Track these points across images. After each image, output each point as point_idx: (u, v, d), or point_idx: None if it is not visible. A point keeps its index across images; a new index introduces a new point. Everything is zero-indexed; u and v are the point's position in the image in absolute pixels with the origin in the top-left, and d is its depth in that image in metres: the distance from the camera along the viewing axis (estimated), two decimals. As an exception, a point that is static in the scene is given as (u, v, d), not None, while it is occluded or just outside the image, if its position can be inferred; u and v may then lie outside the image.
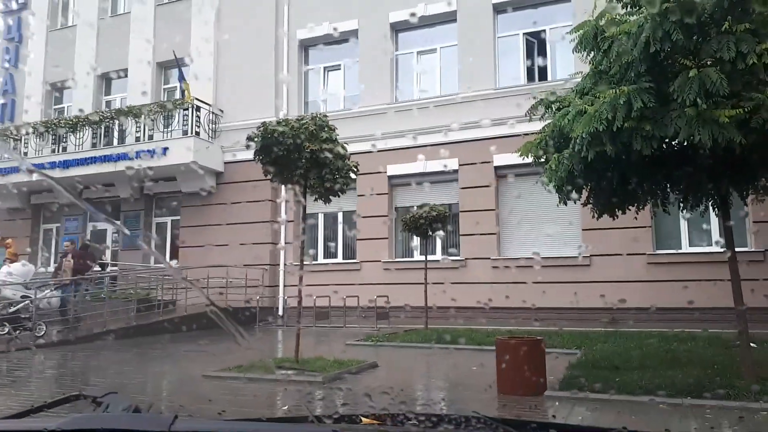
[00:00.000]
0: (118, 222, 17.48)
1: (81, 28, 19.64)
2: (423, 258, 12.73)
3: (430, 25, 15.31)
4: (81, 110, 17.91)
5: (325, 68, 16.78)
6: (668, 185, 7.30)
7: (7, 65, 20.79)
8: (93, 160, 16.36)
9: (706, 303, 9.90)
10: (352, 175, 9.56)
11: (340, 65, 16.58)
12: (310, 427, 0.96)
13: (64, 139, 17.62)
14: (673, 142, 6.33)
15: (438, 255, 14.26)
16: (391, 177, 14.84)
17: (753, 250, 11.65)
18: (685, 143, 6.04)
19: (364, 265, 14.78)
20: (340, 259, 15.58)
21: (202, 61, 17.29)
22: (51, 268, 18.39)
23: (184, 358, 10.62)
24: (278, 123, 8.85)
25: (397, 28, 15.72)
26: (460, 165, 14.03)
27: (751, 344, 7.01)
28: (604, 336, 10.27)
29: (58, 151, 17.53)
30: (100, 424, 1.01)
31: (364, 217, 14.93)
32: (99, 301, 13.94)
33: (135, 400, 1.21)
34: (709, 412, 5.71)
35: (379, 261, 14.59)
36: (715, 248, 11.51)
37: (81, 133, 17.21)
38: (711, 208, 7.61)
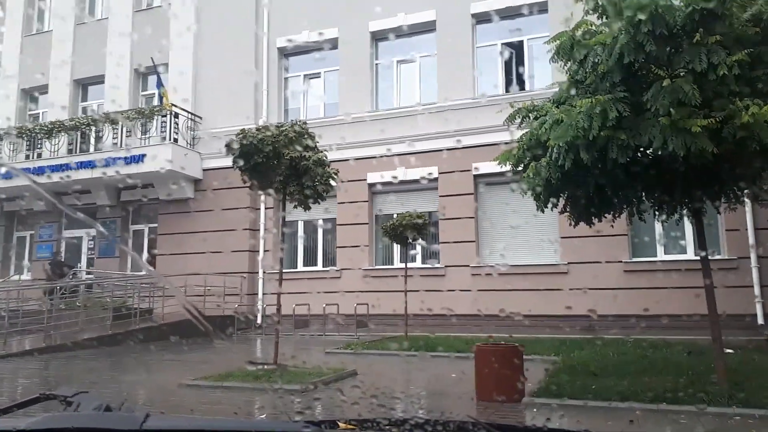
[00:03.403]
0: (100, 227, 17.23)
1: (57, 34, 19.40)
2: (403, 265, 12.73)
3: (410, 35, 15.41)
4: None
5: (305, 76, 16.79)
6: (643, 193, 7.41)
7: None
8: (68, 167, 16.12)
9: (682, 310, 10.05)
10: (332, 183, 9.55)
11: (320, 73, 16.59)
12: (284, 425, 0.97)
13: (39, 145, 17.37)
14: (648, 151, 6.44)
15: (418, 263, 14.28)
16: (371, 185, 14.86)
17: (726, 257, 11.87)
18: (659, 152, 6.15)
19: (344, 273, 14.75)
20: (319, 266, 15.53)
21: (180, 68, 17.17)
22: (26, 276, 18.09)
23: (160, 367, 10.47)
24: (258, 130, 8.82)
25: (378, 37, 15.79)
26: (439, 173, 14.11)
27: (727, 350, 7.13)
28: (581, 343, 10.36)
29: (33, 158, 17.26)
30: (70, 423, 1.00)
31: (344, 224, 14.93)
32: (74, 310, 13.69)
33: (106, 399, 1.20)
34: (683, 417, 5.79)
35: (359, 268, 14.57)
36: (689, 256, 11.70)
37: (57, 139, 16.98)
38: (685, 216, 7.74)
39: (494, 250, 13.73)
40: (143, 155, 15.46)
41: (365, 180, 14.71)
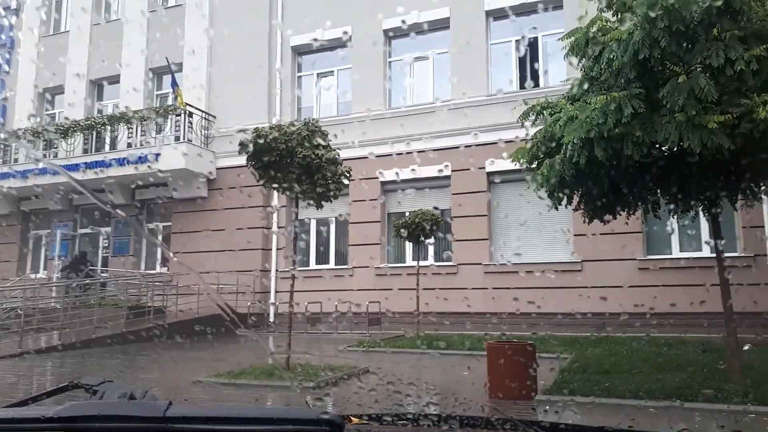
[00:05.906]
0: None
1: (73, 35, 19.60)
2: (415, 263, 12.74)
3: (423, 32, 15.39)
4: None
5: (318, 74, 16.83)
6: (658, 190, 7.36)
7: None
8: (84, 166, 16.28)
9: (696, 308, 9.97)
10: (345, 181, 9.57)
11: (333, 71, 16.62)
12: (304, 412, 0.98)
13: (55, 145, 17.56)
14: (663, 148, 6.40)
15: (430, 260, 14.26)
16: (383, 183, 14.86)
17: (742, 255, 11.75)
18: (675, 149, 6.11)
19: (356, 271, 14.78)
20: (332, 264, 15.57)
21: (194, 67, 17.29)
22: (41, 274, 18.30)
23: (172, 364, 10.55)
24: (271, 128, 8.86)
25: (391, 34, 15.79)
26: (452, 171, 14.09)
27: (744, 347, 7.07)
28: (594, 340, 10.32)
29: (49, 157, 17.45)
30: (96, 411, 1.02)
31: (356, 222, 14.95)
32: (88, 308, 13.83)
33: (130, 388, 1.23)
34: (698, 414, 5.75)
35: (371, 267, 14.58)
36: (704, 253, 11.60)
37: (72, 139, 17.15)
38: (701, 213, 7.68)
39: (507, 248, 13.69)
40: (158, 154, 15.58)
41: (378, 178, 14.72)
